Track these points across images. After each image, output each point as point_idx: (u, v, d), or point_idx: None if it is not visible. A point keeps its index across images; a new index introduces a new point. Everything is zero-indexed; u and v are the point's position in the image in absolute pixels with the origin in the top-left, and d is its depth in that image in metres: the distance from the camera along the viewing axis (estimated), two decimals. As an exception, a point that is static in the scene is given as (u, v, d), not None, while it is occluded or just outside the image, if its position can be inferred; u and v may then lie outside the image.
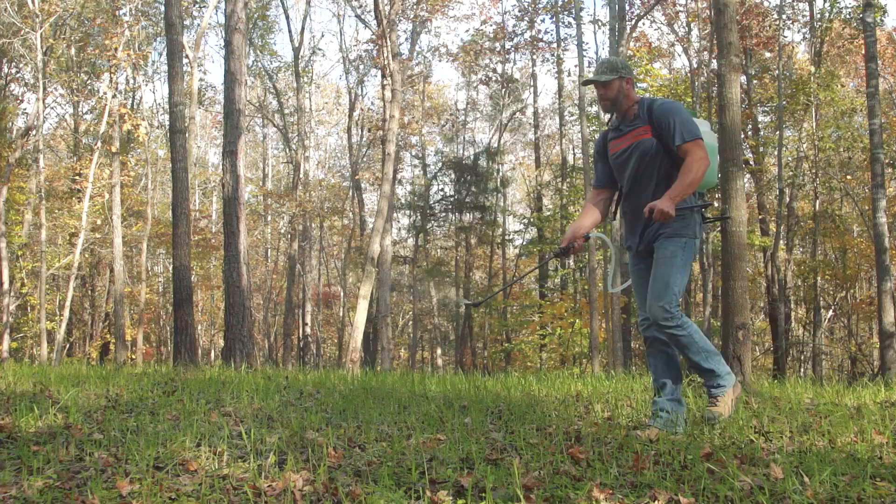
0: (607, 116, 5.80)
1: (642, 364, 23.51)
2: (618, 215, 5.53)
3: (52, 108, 34.06)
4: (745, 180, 23.67)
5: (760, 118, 26.32)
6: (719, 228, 18.21)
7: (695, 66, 24.84)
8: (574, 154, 34.07)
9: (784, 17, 23.83)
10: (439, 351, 41.77)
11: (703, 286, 24.48)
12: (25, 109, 35.08)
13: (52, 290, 32.44)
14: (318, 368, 16.33)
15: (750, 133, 24.90)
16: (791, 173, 23.94)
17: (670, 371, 5.11)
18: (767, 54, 26.01)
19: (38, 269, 27.78)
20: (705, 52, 24.10)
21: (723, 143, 8.16)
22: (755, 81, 25.62)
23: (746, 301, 8.07)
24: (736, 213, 8.13)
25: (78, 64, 31.10)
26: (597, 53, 56.53)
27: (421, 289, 36.96)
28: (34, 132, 29.98)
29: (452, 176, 35.34)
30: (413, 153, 37.87)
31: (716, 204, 18.34)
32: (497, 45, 31.71)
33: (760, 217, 25.32)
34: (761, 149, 25.19)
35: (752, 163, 24.44)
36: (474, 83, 36.40)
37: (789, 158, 24.35)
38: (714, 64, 23.09)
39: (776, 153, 22.89)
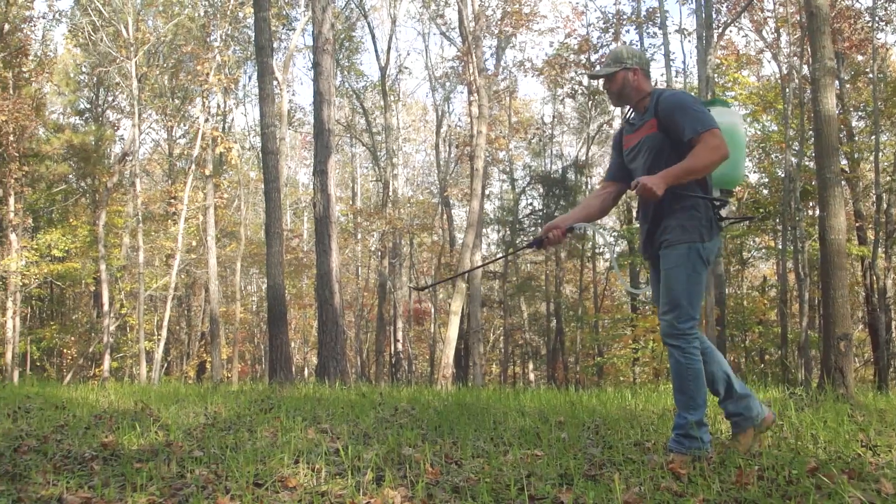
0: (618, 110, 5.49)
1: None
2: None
3: (147, 133, 34.94)
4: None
5: (855, 123, 25.70)
6: (816, 237, 17.77)
7: (785, 72, 24.37)
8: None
9: (877, 18, 23.27)
10: (531, 366, 41.54)
11: (800, 297, 23.91)
12: (122, 135, 36.09)
13: (150, 311, 33.13)
14: (410, 385, 16.37)
15: (844, 139, 24.33)
16: (889, 179, 23.30)
17: (720, 369, 4.75)
18: (860, 57, 25.41)
19: (136, 290, 28.43)
20: (795, 58, 23.63)
21: (819, 150, 7.98)
22: (848, 86, 25.02)
23: (847, 311, 7.86)
24: (834, 220, 7.93)
25: (171, 90, 31.82)
26: (684, 63, 55.89)
27: (511, 304, 36.86)
28: (130, 157, 30.78)
29: (541, 190, 35.21)
30: (501, 168, 37.83)
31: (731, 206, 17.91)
32: (582, 57, 31.52)
33: (857, 225, 24.67)
34: (856, 155, 24.58)
35: (846, 170, 23.87)
36: (560, 96, 36.23)
37: (886, 164, 23.73)
38: (805, 69, 22.65)
39: (872, 159, 22.31)
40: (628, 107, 4.95)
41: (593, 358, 33.63)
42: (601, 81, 5.00)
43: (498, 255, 33.30)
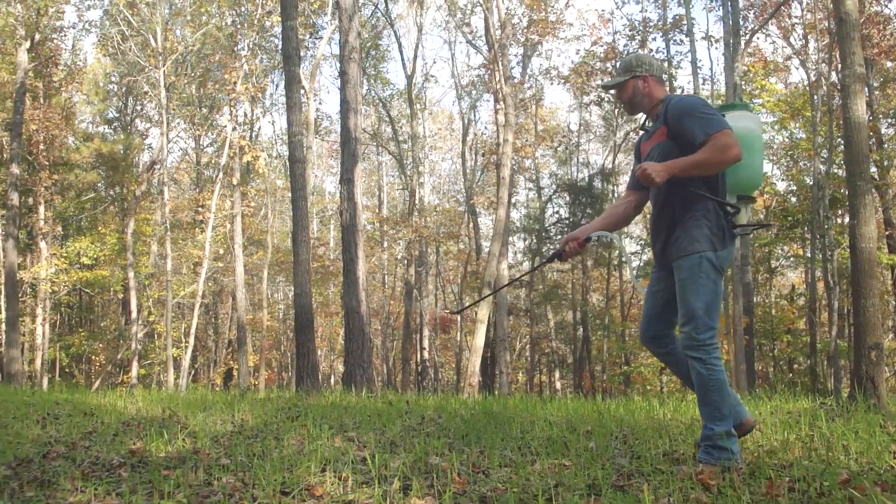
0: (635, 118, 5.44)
1: (768, 387, 22.94)
2: None
3: (175, 142, 35.17)
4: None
5: (884, 130, 25.51)
6: (846, 245, 17.60)
7: (813, 78, 24.24)
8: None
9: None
10: (557, 374, 41.41)
11: (829, 305, 23.76)
12: (150, 144, 36.35)
13: (178, 318, 33.30)
14: (436, 393, 16.36)
15: (874, 147, 24.15)
16: (919, 186, 23.15)
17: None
18: (889, 63, 25.23)
19: (164, 297, 28.59)
20: (824, 64, 23.50)
21: (849, 158, 7.91)
22: (877, 93, 24.85)
23: (878, 320, 7.79)
24: (865, 228, 7.85)
25: (199, 99, 32.03)
26: (711, 70, 55.73)
27: (538, 312, 36.80)
28: (159, 166, 31.02)
29: (567, 198, 35.16)
30: (527, 176, 37.81)
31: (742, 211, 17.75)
32: (608, 65, 31.44)
33: (888, 233, 24.47)
34: (885, 162, 24.41)
35: (875, 177, 23.69)
36: (587, 104, 36.18)
37: (917, 171, 23.57)
38: (834, 76, 22.51)
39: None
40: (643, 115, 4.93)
41: (620, 367, 33.53)
42: (614, 91, 4.99)
43: (524, 271, 33.28)
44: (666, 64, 28.45)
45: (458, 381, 34.38)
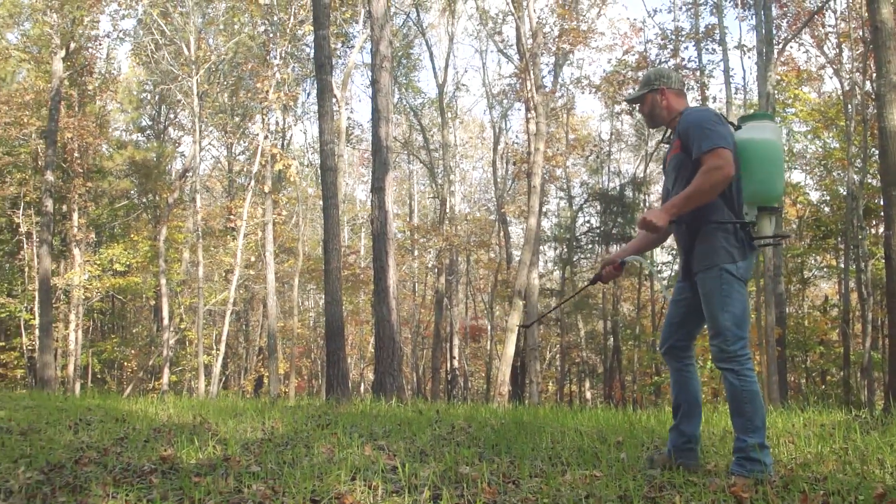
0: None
1: (800, 399, 22.74)
2: None
3: (207, 150, 35.40)
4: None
5: (920, 139, 25.23)
6: (880, 256, 17.42)
7: (847, 88, 24.05)
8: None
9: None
10: (587, 384, 41.30)
11: (863, 316, 23.53)
12: (182, 152, 36.60)
13: (209, 325, 33.46)
14: (466, 402, 16.34)
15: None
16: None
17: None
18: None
19: (195, 304, 28.75)
20: (858, 74, 23.31)
21: (884, 168, 7.84)
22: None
23: (914, 332, 7.70)
24: (900, 239, 7.77)
25: (231, 107, 32.20)
26: (744, 79, 55.44)
27: (568, 322, 36.68)
28: (191, 173, 31.23)
29: (598, 207, 35.08)
30: (558, 185, 37.74)
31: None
32: (640, 74, 31.31)
33: (923, 243, 24.20)
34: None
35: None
36: (618, 113, 36.09)
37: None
38: (868, 85, 22.33)
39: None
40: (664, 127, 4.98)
41: (651, 377, 33.34)
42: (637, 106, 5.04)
43: (572, 294, 33.17)
44: (698, 73, 28.35)
45: (488, 390, 34.30)
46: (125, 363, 34.98)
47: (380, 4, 15.79)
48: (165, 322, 29.94)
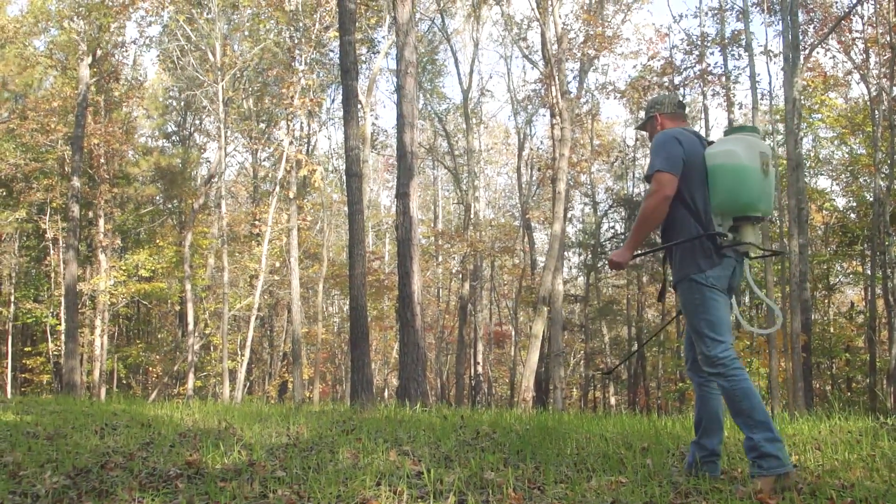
0: None
1: (827, 405, 22.58)
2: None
3: (232, 156, 35.55)
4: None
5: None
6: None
7: (874, 93, 23.89)
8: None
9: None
10: (612, 390, 41.16)
11: (889, 323, 23.34)
12: (208, 158, 36.77)
13: (234, 331, 33.56)
14: (490, 408, 16.32)
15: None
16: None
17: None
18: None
19: (220, 310, 28.82)
20: (885, 79, 23.15)
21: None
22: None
23: (942, 338, 7.62)
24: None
25: (256, 113, 32.31)
26: (770, 85, 55.19)
27: (593, 328, 36.59)
28: (216, 179, 31.33)
29: (623, 213, 34.97)
30: (583, 191, 37.67)
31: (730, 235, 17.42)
32: (665, 79, 31.24)
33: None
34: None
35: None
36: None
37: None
38: (896, 91, 22.19)
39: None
40: None
41: (675, 384, 33.19)
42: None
43: (669, 320, 33.11)
44: (724, 79, 28.22)
45: (512, 395, 34.24)
46: (150, 368, 35.15)
47: (405, 11, 15.82)
48: (190, 327, 30.05)
